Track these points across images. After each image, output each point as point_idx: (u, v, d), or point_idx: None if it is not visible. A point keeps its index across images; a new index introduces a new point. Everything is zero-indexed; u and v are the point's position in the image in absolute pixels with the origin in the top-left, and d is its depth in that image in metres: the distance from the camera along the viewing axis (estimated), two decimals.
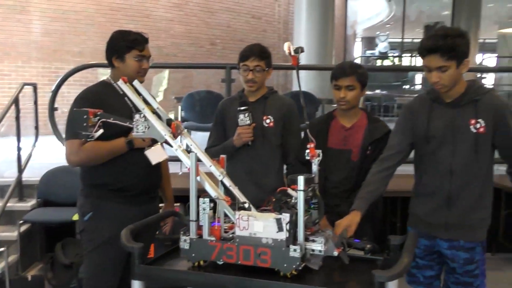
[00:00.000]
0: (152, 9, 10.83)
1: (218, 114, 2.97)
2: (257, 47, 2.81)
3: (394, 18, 20.14)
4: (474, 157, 2.33)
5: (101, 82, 2.66)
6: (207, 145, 2.94)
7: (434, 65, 2.24)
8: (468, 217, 2.39)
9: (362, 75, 2.65)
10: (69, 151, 2.47)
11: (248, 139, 2.76)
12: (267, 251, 1.72)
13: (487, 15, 17.91)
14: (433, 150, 2.41)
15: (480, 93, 2.33)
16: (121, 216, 2.49)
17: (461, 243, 2.41)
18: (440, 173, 2.40)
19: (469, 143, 2.33)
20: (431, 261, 2.55)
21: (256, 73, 2.76)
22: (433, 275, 2.57)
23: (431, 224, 2.46)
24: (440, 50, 2.20)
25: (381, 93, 13.66)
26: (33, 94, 5.19)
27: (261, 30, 13.36)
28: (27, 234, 4.51)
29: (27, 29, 9.15)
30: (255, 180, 2.80)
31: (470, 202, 2.38)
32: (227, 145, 2.82)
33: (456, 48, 2.20)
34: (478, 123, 2.31)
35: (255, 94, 2.87)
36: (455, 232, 2.41)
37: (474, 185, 2.37)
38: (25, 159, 4.91)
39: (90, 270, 2.62)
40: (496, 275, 4.40)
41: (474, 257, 2.42)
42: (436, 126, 2.39)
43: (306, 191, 1.77)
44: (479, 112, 2.31)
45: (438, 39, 2.21)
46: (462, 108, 2.34)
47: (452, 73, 2.24)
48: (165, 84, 9.90)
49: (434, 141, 2.40)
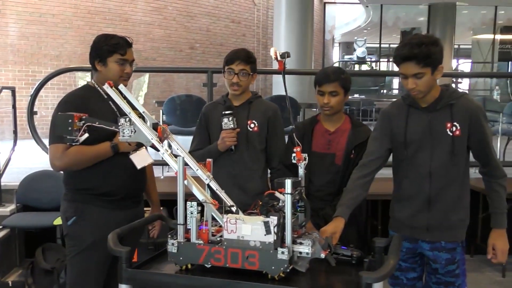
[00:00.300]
0: (130, 13, 10.79)
1: (202, 117, 2.98)
2: (243, 52, 2.83)
3: (372, 24, 20.41)
4: (451, 160, 2.39)
5: (85, 86, 2.64)
6: (190, 148, 2.94)
7: (410, 72, 2.29)
8: (448, 218, 2.44)
9: (346, 80, 2.68)
10: (53, 155, 2.45)
11: (231, 143, 2.77)
12: (255, 254, 1.73)
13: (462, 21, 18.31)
14: (412, 155, 2.45)
15: (454, 97, 2.39)
16: (106, 220, 2.47)
17: (442, 244, 2.46)
18: (420, 176, 2.44)
19: (446, 146, 2.38)
20: (413, 263, 2.59)
21: (241, 77, 2.78)
22: (415, 277, 2.62)
23: (413, 227, 2.49)
24: (415, 58, 2.25)
25: (360, 97, 13.83)
26: (11, 97, 5.11)
27: (241, 34, 13.42)
28: (6, 240, 4.43)
29: (4, 32, 9.04)
30: (239, 184, 2.82)
31: (449, 203, 2.44)
32: (211, 149, 2.82)
33: (431, 56, 2.25)
34: (454, 126, 2.37)
35: (239, 99, 2.88)
36: (436, 234, 2.46)
37: (453, 187, 2.43)
38: (4, 164, 4.83)
39: (74, 275, 2.59)
40: (476, 277, 4.49)
41: (455, 257, 2.47)
42: (413, 131, 2.44)
43: (294, 194, 1.79)
44: (454, 116, 2.37)
45: (413, 47, 2.26)
46: (438, 112, 2.40)
47: (427, 79, 2.30)
48: (145, 88, 9.86)
49: (413, 146, 2.44)
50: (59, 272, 4.01)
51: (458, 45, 21.58)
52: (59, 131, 1.95)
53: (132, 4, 10.81)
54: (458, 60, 23.08)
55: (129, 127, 1.91)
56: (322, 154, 2.72)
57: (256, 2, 13.90)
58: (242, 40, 13.36)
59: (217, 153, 2.80)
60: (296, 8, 9.12)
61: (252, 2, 13.81)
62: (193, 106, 6.18)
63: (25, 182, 4.63)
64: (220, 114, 2.82)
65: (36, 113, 5.25)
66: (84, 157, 2.45)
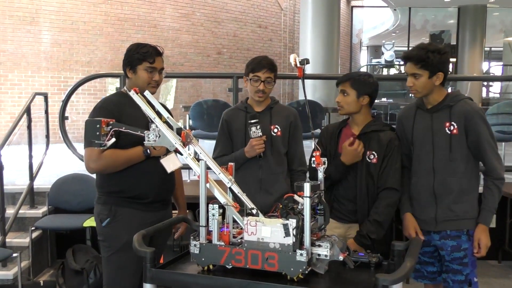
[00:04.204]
0: (159, 19, 10.96)
1: (223, 124, 3.03)
2: (268, 60, 2.90)
3: (400, 27, 20.19)
4: (450, 156, 2.61)
5: (119, 92, 2.76)
6: (214, 155, 3.00)
7: (409, 71, 2.62)
8: (452, 210, 2.64)
9: (358, 82, 2.71)
10: (88, 158, 2.54)
11: (261, 150, 2.84)
12: (275, 256, 1.78)
13: (493, 23, 17.94)
14: (418, 152, 2.71)
15: (455, 101, 2.63)
16: (138, 222, 2.56)
17: (448, 232, 2.66)
18: (425, 172, 2.68)
19: (445, 143, 2.62)
20: (431, 257, 2.80)
21: (267, 84, 2.85)
22: (435, 271, 2.81)
23: (424, 220, 2.71)
24: (412, 59, 2.58)
25: (388, 101, 13.69)
26: (44, 103, 5.28)
27: (267, 39, 13.47)
28: (39, 241, 4.59)
29: (37, 39, 9.30)
30: (266, 187, 2.89)
31: (451, 197, 2.63)
32: (238, 156, 2.88)
33: (426, 60, 2.54)
34: (452, 125, 2.61)
35: (260, 105, 2.94)
36: (442, 224, 2.66)
37: (454, 181, 2.63)
38: (37, 167, 4.99)
39: (111, 273, 2.68)
40: (503, 283, 4.43)
41: (460, 245, 2.64)
42: (418, 130, 2.71)
43: (312, 197, 1.84)
44: (452, 116, 2.61)
45: (415, 50, 2.61)
46: (439, 112, 2.65)
47: (424, 81, 2.58)
48: (173, 92, 9.99)
49: (417, 143, 2.70)
50: (88, 272, 4.13)
51: (489, 47, 21.17)
52: (88, 136, 2.04)
53: (160, 10, 10.98)
54: (489, 63, 22.65)
55: (154, 132, 1.99)
56: None
57: (283, 7, 13.94)
58: (269, 45, 13.41)
59: (244, 159, 2.88)
60: (323, 12, 9.11)
61: (279, 7, 13.86)
62: (219, 110, 6.22)
63: (56, 185, 4.77)
64: (242, 121, 2.90)
65: (68, 118, 5.39)
66: (118, 160, 2.55)
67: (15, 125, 4.67)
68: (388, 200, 2.67)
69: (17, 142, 5.35)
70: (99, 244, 2.73)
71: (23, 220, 4.66)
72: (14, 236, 4.51)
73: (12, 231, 4.48)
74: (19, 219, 4.61)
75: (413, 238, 2.55)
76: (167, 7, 11.12)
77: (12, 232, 4.49)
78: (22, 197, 4.62)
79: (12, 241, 4.42)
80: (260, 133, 2.82)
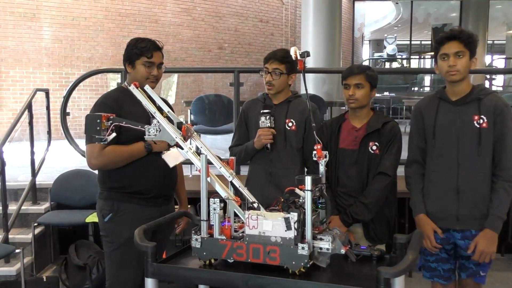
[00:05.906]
0: (160, 14, 10.93)
1: (242, 114, 3.06)
2: (280, 51, 2.88)
3: (402, 21, 20.13)
4: (478, 150, 2.50)
5: (119, 88, 2.75)
6: (231, 144, 3.05)
7: (452, 50, 2.48)
8: (477, 208, 2.53)
9: (372, 75, 2.72)
10: (90, 154, 2.55)
11: (267, 141, 2.82)
12: (276, 249, 1.77)
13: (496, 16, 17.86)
14: (440, 146, 2.58)
15: (483, 94, 2.53)
16: (140, 217, 2.56)
17: (472, 232, 2.55)
18: (448, 167, 2.56)
19: (473, 137, 2.51)
20: (447, 254, 2.70)
21: (274, 75, 2.83)
22: (450, 269, 2.72)
23: (444, 218, 2.60)
24: (459, 37, 2.47)
25: (390, 95, 13.66)
26: (46, 99, 5.28)
27: (269, 33, 13.43)
28: (41, 236, 4.60)
29: (38, 35, 9.28)
30: (276, 182, 2.87)
31: (477, 193, 2.52)
32: (248, 146, 2.90)
33: (472, 37, 2.48)
34: (481, 119, 2.50)
35: (278, 97, 2.93)
36: (466, 222, 2.55)
37: (480, 177, 2.52)
38: (38, 163, 5.00)
39: (114, 268, 2.69)
40: (506, 276, 4.42)
41: None
42: (442, 122, 2.58)
43: (314, 191, 1.83)
44: (482, 109, 2.50)
45: (456, 30, 2.51)
46: (466, 105, 2.54)
47: (466, 61, 2.48)
48: (174, 88, 9.97)
49: (441, 136, 2.57)
50: (91, 268, 4.13)
51: (492, 40, 21.10)
52: (88, 131, 2.03)
53: (161, 6, 10.95)
54: (492, 56, 22.57)
55: (155, 126, 1.98)
56: (349, 150, 2.75)
57: (284, 1, 13.89)
58: (271, 39, 13.37)
59: (254, 150, 2.87)
60: (324, 6, 9.07)
61: (280, 1, 13.81)
62: (221, 105, 6.24)
63: (58, 181, 4.79)
64: (258, 112, 2.88)
65: (69, 114, 5.39)
66: (120, 156, 2.55)
67: (17, 122, 4.68)
68: (378, 184, 2.64)
69: (19, 138, 5.36)
70: (102, 240, 2.74)
71: (25, 216, 4.68)
72: (17, 232, 4.53)
73: (14, 227, 4.50)
74: (22, 215, 4.63)
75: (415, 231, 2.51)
76: (167, 2, 11.08)
77: (14, 228, 4.51)
78: (24, 193, 4.64)
79: (15, 237, 4.43)
80: (268, 123, 2.80)
